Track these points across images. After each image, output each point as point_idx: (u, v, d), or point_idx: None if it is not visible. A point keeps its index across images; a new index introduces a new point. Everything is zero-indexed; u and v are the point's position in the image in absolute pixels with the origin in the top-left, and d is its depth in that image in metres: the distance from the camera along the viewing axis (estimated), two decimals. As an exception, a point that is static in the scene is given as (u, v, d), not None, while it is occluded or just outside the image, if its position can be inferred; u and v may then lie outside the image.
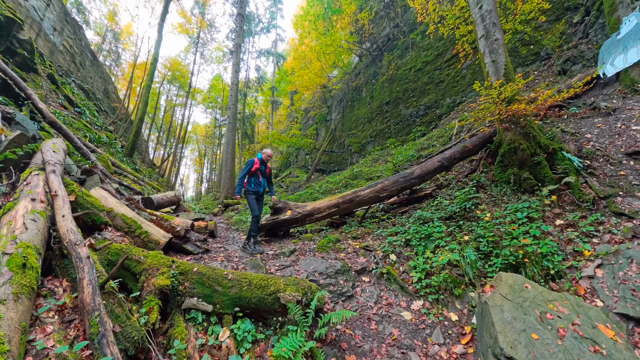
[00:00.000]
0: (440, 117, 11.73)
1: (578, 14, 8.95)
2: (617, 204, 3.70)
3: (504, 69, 5.23)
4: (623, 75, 6.63)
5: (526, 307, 2.39)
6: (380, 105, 15.29)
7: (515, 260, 3.24)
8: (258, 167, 4.70)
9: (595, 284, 2.88)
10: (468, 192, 4.78)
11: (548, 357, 2.00)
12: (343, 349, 2.58)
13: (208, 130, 42.41)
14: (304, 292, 2.73)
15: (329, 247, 4.42)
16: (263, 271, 3.51)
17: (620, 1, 6.84)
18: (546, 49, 9.18)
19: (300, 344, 2.26)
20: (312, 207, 5.50)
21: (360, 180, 8.85)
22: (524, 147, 4.65)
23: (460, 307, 3.11)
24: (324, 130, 21.09)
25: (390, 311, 3.15)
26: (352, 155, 16.68)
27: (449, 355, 2.62)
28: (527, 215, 3.83)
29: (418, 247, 3.97)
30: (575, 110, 6.41)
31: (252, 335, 2.35)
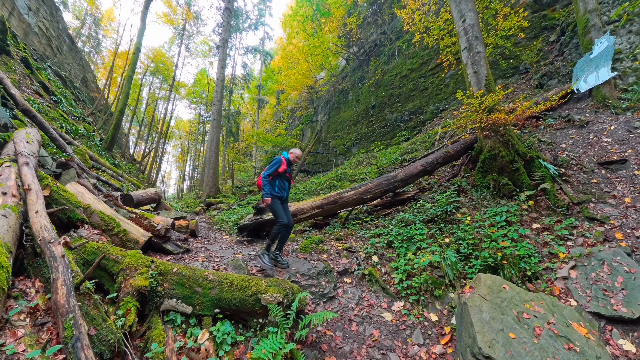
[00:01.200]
0: (424, 122, 12.05)
1: (554, 33, 9.54)
2: (589, 209, 3.96)
3: (485, 80, 5.44)
4: (595, 91, 7.12)
5: (504, 307, 2.48)
6: (366, 109, 15.52)
7: (494, 262, 3.38)
8: (285, 169, 3.91)
9: (570, 284, 3.05)
10: (449, 195, 4.93)
11: (524, 355, 2.09)
12: (323, 351, 2.60)
13: (192, 126, 41.19)
14: (285, 293, 2.72)
15: (312, 248, 4.45)
16: (245, 272, 3.48)
17: (592, 24, 7.40)
18: (525, 63, 9.69)
19: (280, 345, 2.26)
20: (296, 208, 5.49)
21: (344, 182, 8.93)
22: (503, 154, 4.85)
23: (440, 308, 3.21)
24: (310, 131, 21.12)
25: (371, 312, 3.20)
26: (337, 157, 16.81)
27: (429, 356, 2.69)
28: (505, 219, 4.00)
29: (400, 248, 4.06)
30: (551, 122, 6.81)
31: (231, 337, 2.32)
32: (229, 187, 17.65)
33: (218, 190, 13.72)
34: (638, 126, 5.48)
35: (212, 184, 13.28)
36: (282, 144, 18.48)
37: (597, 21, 7.41)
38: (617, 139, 5.39)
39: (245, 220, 5.57)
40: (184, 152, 44.64)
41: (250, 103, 34.45)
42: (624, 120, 5.89)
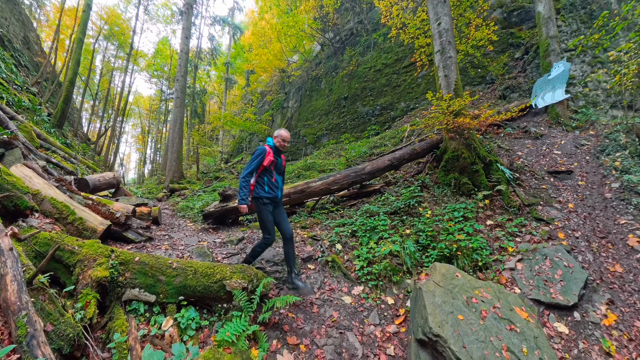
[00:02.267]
0: (394, 119, 12.46)
1: (519, 51, 10.40)
2: (538, 211, 4.48)
3: (455, 85, 5.78)
4: (550, 109, 7.96)
5: (455, 293, 2.74)
6: (338, 100, 15.60)
7: (449, 252, 3.69)
8: (272, 160, 3.19)
9: (515, 275, 3.44)
10: (413, 190, 5.24)
11: (470, 334, 2.35)
12: (285, 331, 2.77)
13: (153, 103, 37.76)
14: (250, 279, 2.83)
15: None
16: (210, 259, 3.52)
17: (552, 49, 8.27)
18: (491, 74, 10.46)
19: (244, 328, 2.38)
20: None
21: (312, 171, 9.06)
22: (465, 156, 5.26)
23: (397, 292, 3.48)
24: (280, 118, 20.79)
25: (332, 296, 3.42)
26: (307, 146, 16.83)
27: (383, 334, 2.96)
28: (463, 215, 4.37)
29: (363, 238, 4.30)
30: (510, 131, 7.56)
31: (196, 322, 2.40)
32: (194, 173, 16.84)
33: (182, 176, 13.12)
34: (584, 144, 6.27)
35: (176, 169, 12.71)
36: (250, 129, 17.83)
37: (556, 47, 8.32)
38: (565, 153, 6.15)
39: (211, 208, 5.51)
40: (145, 133, 41.41)
41: (218, 82, 32.30)
42: (572, 137, 6.71)
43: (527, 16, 10.83)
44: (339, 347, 2.73)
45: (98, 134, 25.09)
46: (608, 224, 4.06)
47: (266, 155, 3.17)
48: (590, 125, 7.09)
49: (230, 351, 1.95)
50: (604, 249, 3.73)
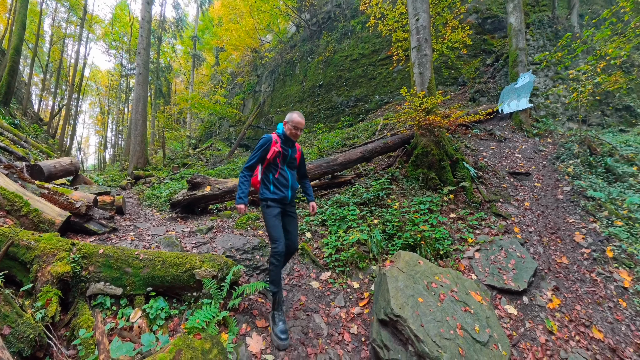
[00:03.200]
0: (368, 111, 12.67)
1: (490, 58, 11.03)
2: (497, 207, 4.92)
3: (428, 83, 6.00)
4: (515, 115, 8.68)
5: (417, 278, 2.96)
6: (312, 87, 15.45)
7: (413, 241, 3.96)
8: (279, 152, 2.70)
9: (473, 263, 3.78)
10: (383, 183, 5.48)
11: (428, 314, 2.58)
12: (254, 315, 2.90)
13: (112, 79, 34.54)
14: (220, 267, 2.90)
15: (248, 224, 4.61)
16: (178, 249, 3.52)
17: (520, 60, 8.95)
18: (463, 77, 10.98)
19: (213, 314, 2.47)
20: (233, 184, 5.47)
21: (285, 160, 9.04)
22: (434, 152, 5.57)
23: (363, 278, 3.71)
24: (252, 102, 20.23)
25: (301, 281, 3.59)
26: None
27: (347, 315, 3.19)
28: (428, 208, 4.68)
29: (332, 227, 4.47)
30: (477, 132, 8.12)
31: (165, 312, 2.44)
32: (160, 159, 15.98)
33: (147, 162, 12.47)
34: (542, 150, 6.97)
35: (140, 154, 12.06)
36: (220, 112, 17.01)
37: (524, 59, 9.01)
38: (525, 156, 6.78)
39: (179, 196, 5.40)
40: (104, 113, 38.07)
41: (184, 58, 29.96)
42: (532, 143, 7.41)
43: (500, 25, 11.47)
44: (305, 328, 2.91)
45: (51, 114, 22.73)
46: (558, 222, 4.57)
47: (271, 145, 2.65)
48: (548, 134, 7.88)
49: (201, 337, 2.03)
50: (553, 243, 4.20)
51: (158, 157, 17.15)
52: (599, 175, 5.43)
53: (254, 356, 2.44)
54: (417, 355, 2.40)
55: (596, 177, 5.40)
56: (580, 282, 3.51)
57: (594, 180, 5.30)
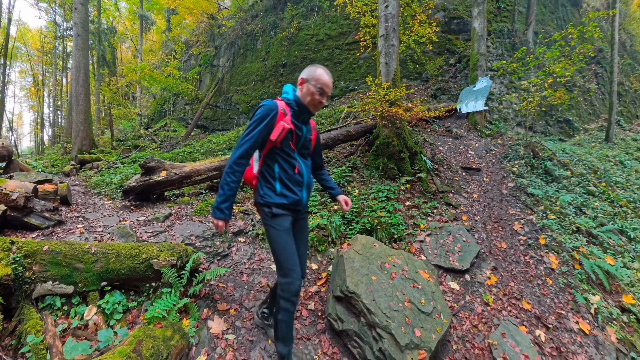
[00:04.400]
0: (333, 98, 12.70)
1: (453, 58, 11.62)
2: (449, 197, 5.41)
3: (394, 75, 6.14)
4: (471, 115, 9.37)
5: (372, 259, 3.24)
6: (275, 66, 14.93)
7: (370, 226, 4.26)
8: (290, 129, 1.82)
9: (423, 246, 4.19)
10: (344, 170, 5.70)
11: (380, 290, 2.87)
12: (215, 300, 3.01)
13: (45, 41, 29.44)
14: (179, 255, 2.93)
15: (208, 211, 4.59)
16: (134, 239, 3.45)
17: (480, 65, 9.58)
18: (427, 73, 11.45)
19: (174, 302, 2.54)
20: (191, 169, 5.32)
21: (245, 143, 8.86)
22: (395, 143, 5.84)
23: (321, 260, 3.95)
24: (209, 78, 19.04)
25: (262, 265, 3.74)
26: (240, 115, 16.01)
27: (306, 294, 3.42)
28: (386, 196, 5.00)
29: (293, 212, 4.64)
30: (436, 128, 8.76)
31: (123, 305, 2.44)
32: (108, 140, 14.38)
33: (93, 144, 11.26)
34: (493, 149, 7.76)
35: (85, 135, 10.87)
36: (174, 88, 15.29)
37: (483, 64, 9.67)
38: (477, 154, 7.48)
39: (132, 182, 5.13)
40: (39, 84, 32.33)
41: (130, 19, 26.47)
42: (485, 142, 8.18)
43: (465, 28, 12.01)
44: (266, 308, 3.11)
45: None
46: (501, 213, 5.21)
47: (277, 117, 1.78)
48: (499, 136, 8.78)
49: (161, 325, 2.11)
50: (495, 230, 4.78)
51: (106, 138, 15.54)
52: (539, 176, 6.25)
53: (215, 337, 2.58)
54: (368, 325, 2.71)
55: (536, 177, 6.21)
56: (515, 264, 4.12)
57: (535, 179, 6.09)
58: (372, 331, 2.65)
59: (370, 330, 2.66)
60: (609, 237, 4.53)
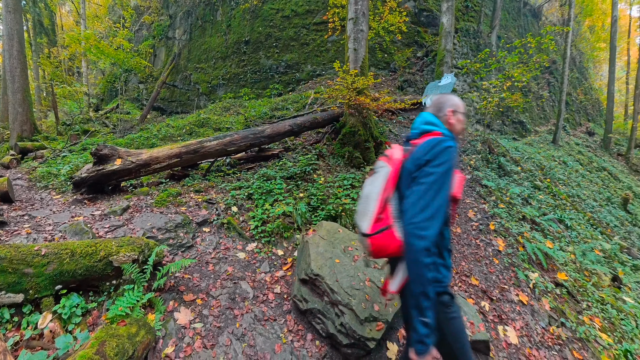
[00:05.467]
0: (299, 81, 12.39)
1: (421, 51, 11.78)
2: None
3: (362, 62, 6.11)
4: None
5: (335, 244, 3.43)
6: (238, 42, 14.07)
7: (335, 213, 4.43)
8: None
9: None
10: (310, 158, 5.74)
11: (343, 272, 3.07)
12: (181, 291, 3.05)
13: None
14: (140, 250, 2.89)
15: (169, 201, 4.48)
16: (89, 236, 3.31)
17: (446, 61, 9.84)
18: (395, 64, 11.52)
19: (138, 298, 2.54)
20: (149, 156, 5.04)
21: (207, 129, 8.55)
22: (361, 133, 5.95)
23: (287, 246, 4.08)
24: (164, 53, 17.55)
25: (227, 254, 3.80)
26: (200, 96, 15.11)
27: (272, 279, 3.57)
28: (351, 184, 5.17)
29: (259, 200, 4.65)
30: (401, 119, 9.06)
31: (81, 307, 2.39)
32: (52, 124, 12.49)
33: (35, 129, 9.83)
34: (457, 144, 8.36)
35: (25, 119, 9.49)
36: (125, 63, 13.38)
37: (449, 60, 9.95)
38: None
39: (83, 173, 4.76)
40: None
41: None
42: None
43: (434, 22, 12.12)
44: (232, 294, 3.20)
45: None
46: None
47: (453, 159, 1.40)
48: None
49: (125, 323, 2.12)
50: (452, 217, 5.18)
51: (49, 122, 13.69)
52: (493, 170, 6.90)
53: (183, 327, 2.66)
54: (331, 303, 2.94)
55: (491, 170, 6.84)
56: (467, 246, 4.58)
57: (489, 172, 6.70)
58: (335, 308, 2.88)
59: (333, 308, 2.90)
60: (550, 224, 5.27)
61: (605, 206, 8.33)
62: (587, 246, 5.03)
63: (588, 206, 7.67)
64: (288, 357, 2.68)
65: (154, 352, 2.29)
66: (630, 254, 5.97)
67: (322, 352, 2.80)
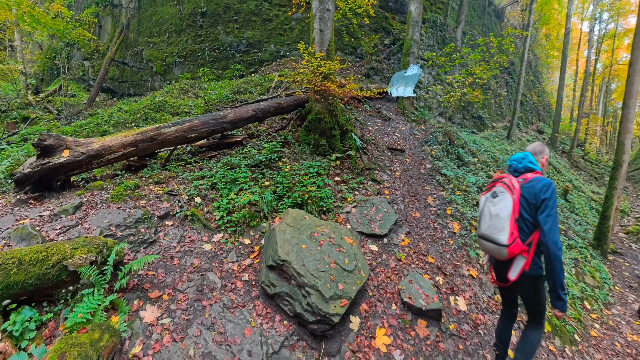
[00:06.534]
0: (262, 62, 11.81)
1: (388, 39, 11.54)
2: (374, 174, 5.99)
3: (328, 45, 5.90)
4: (400, 100, 9.88)
5: (302, 230, 3.56)
6: (193, 14, 12.93)
7: (301, 200, 4.51)
8: None
9: (350, 216, 4.69)
10: (275, 145, 5.67)
11: (309, 256, 3.23)
12: (146, 289, 3.04)
13: None
14: (98, 250, 2.80)
15: (127, 195, 4.29)
16: (39, 241, 3.13)
17: (412, 51, 9.88)
18: (362, 49, 11.28)
19: (99, 302, 2.50)
20: (101, 146, 4.63)
21: (164, 114, 8.03)
22: (327, 120, 5.90)
23: (254, 234, 4.15)
24: (111, 23, 15.76)
25: (193, 246, 3.79)
26: (154, 76, 13.93)
27: (240, 267, 3.65)
28: (317, 171, 5.26)
29: (224, 190, 4.59)
30: (367, 108, 9.25)
31: (35, 321, 2.30)
32: None
33: None
34: (416, 134, 8.66)
35: None
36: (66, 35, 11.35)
37: (416, 51, 9.90)
38: (403, 137, 8.31)
39: (26, 168, 4.27)
40: None
41: None
42: (410, 127, 9.04)
43: (402, 9, 11.80)
44: (200, 286, 3.25)
45: None
46: (418, 189, 6.07)
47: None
48: (423, 122, 9.69)
49: (87, 330, 2.11)
50: (412, 202, 5.57)
51: None
52: (452, 160, 7.39)
53: (150, 325, 2.68)
54: (298, 285, 3.10)
55: (450, 160, 7.32)
56: (425, 229, 4.99)
57: (448, 162, 7.17)
58: (302, 290, 3.07)
59: (300, 290, 3.08)
60: None
61: (548, 195, 9.41)
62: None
63: (534, 195, 8.58)
64: (258, 339, 2.83)
65: (121, 354, 2.32)
66: (566, 236, 6.94)
67: (290, 330, 3.00)
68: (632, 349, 3.95)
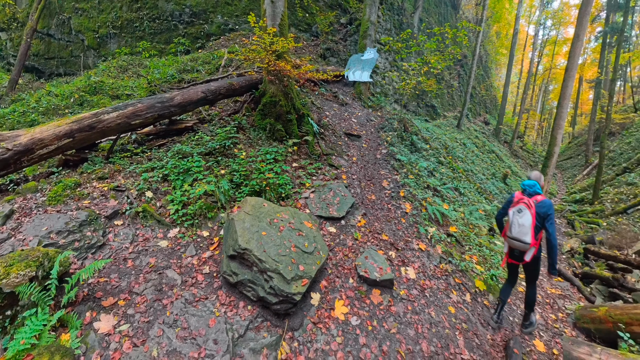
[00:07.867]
0: (209, 36, 10.73)
1: (345, 18, 10.96)
2: (332, 159, 6.03)
3: (281, 19, 5.44)
4: (357, 85, 9.60)
5: (261, 217, 3.57)
6: None
7: (259, 188, 4.45)
8: None
9: (308, 201, 4.75)
10: (229, 131, 5.41)
11: (270, 242, 3.29)
12: (98, 298, 2.93)
13: None
14: (38, 264, 2.61)
15: (66, 195, 3.93)
16: (-36, 260, 2.85)
17: (369, 34, 9.33)
18: (317, 27, 10.48)
19: (44, 322, 2.36)
20: (30, 139, 4.08)
21: (102, 97, 7.19)
22: (282, 103, 5.61)
23: (212, 226, 4.07)
24: (28, -13, 13.41)
25: (147, 245, 3.66)
26: (87, 51, 12.17)
27: (200, 261, 3.61)
28: (274, 157, 5.15)
29: (176, 181, 4.38)
30: (324, 91, 9.02)
31: None
32: None
33: None
34: (373, 120, 8.69)
35: None
36: None
37: (372, 33, 9.49)
38: (359, 122, 8.33)
39: None
40: None
41: None
42: (366, 112, 9.02)
43: None
44: (159, 285, 3.20)
45: None
46: (374, 173, 6.25)
47: None
48: (379, 108, 9.67)
49: (32, 356, 2.01)
50: (368, 186, 5.76)
51: None
52: (406, 146, 7.64)
53: (106, 335, 2.63)
54: (260, 271, 3.18)
55: (404, 146, 7.57)
56: (380, 210, 5.23)
57: (403, 148, 7.42)
58: (264, 275, 3.16)
59: (262, 275, 3.17)
60: (448, 192, 6.35)
61: (490, 179, 10.38)
62: (473, 207, 6.35)
63: (478, 179, 9.34)
64: (223, 327, 2.92)
65: (75, 371, 2.27)
66: (503, 214, 8.06)
67: (254, 314, 3.12)
68: (550, 299, 4.79)
